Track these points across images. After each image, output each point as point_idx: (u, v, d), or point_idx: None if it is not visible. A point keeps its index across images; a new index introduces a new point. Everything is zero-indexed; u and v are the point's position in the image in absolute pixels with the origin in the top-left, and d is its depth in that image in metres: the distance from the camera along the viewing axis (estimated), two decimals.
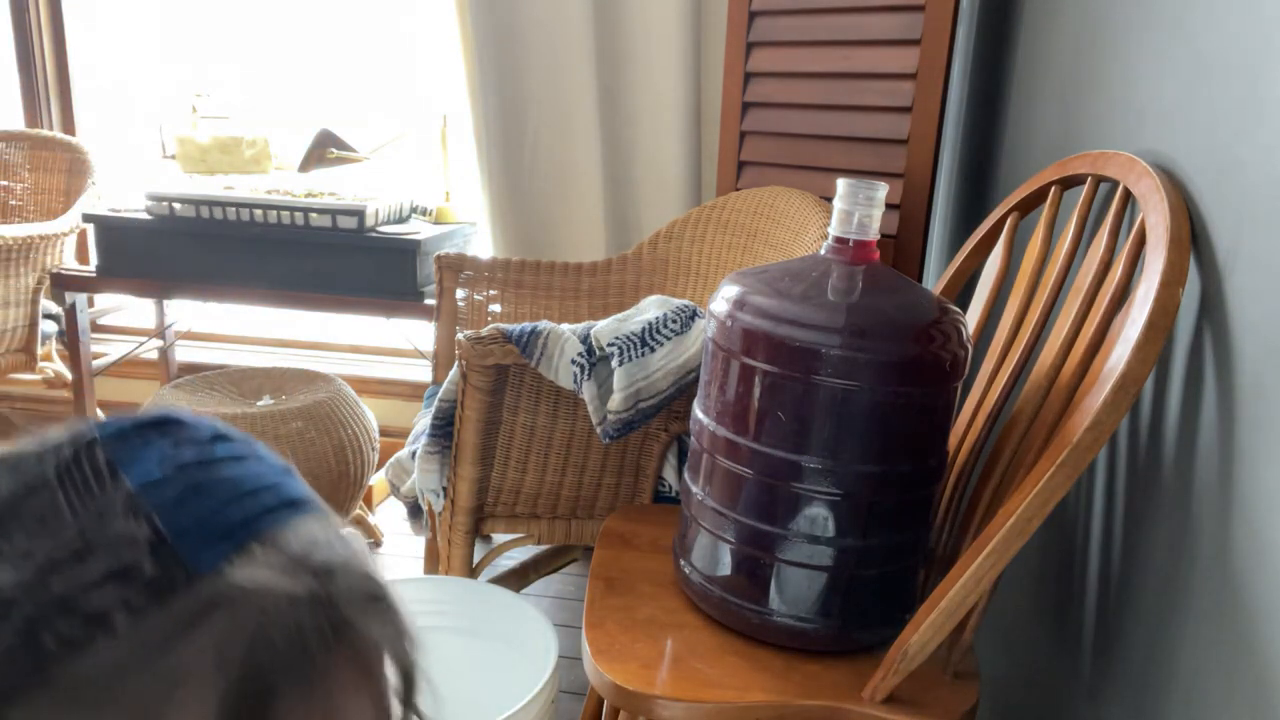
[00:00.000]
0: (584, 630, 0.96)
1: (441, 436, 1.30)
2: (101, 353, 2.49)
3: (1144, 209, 0.81)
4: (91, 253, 2.09)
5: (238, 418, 1.78)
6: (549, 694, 1.00)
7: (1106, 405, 0.74)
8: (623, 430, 1.21)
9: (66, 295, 2.11)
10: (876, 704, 0.86)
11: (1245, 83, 0.72)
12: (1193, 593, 0.75)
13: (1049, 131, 1.19)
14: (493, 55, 1.96)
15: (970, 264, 1.16)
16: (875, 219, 0.91)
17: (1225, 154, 0.75)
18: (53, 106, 2.57)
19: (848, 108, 1.51)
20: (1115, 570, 0.90)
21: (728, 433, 0.93)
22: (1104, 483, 0.95)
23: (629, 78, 1.98)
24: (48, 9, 2.50)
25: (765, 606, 0.94)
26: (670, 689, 0.87)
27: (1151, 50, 0.90)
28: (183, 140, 2.35)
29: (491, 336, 1.18)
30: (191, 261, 2.06)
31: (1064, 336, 0.89)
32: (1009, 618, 1.20)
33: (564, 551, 1.68)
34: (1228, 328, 0.72)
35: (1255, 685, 0.66)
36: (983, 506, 0.93)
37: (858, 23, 1.47)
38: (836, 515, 0.89)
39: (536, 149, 2.05)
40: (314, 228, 1.98)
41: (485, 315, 1.83)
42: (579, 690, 1.53)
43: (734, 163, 1.68)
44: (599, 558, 1.10)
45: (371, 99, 2.57)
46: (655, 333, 1.23)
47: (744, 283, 0.94)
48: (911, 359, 0.86)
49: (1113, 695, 0.89)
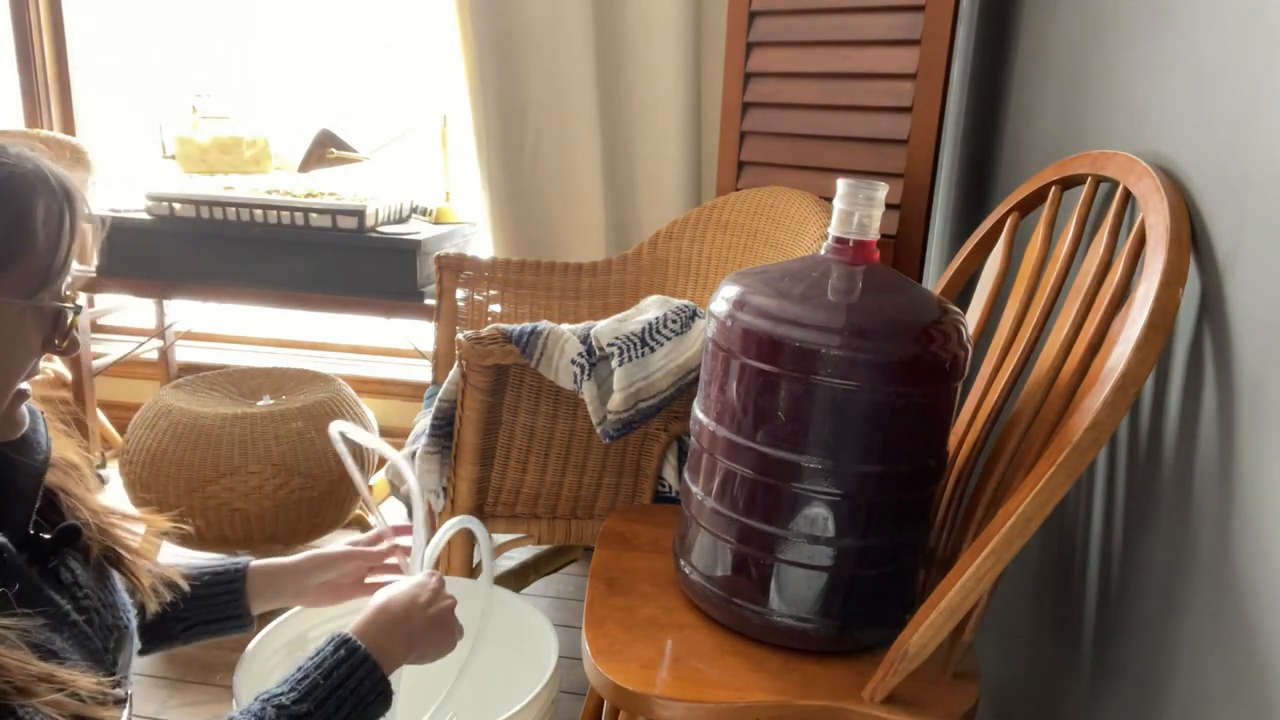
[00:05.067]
0: (584, 630, 0.96)
1: (441, 436, 1.30)
2: (101, 353, 2.49)
3: (1144, 209, 0.81)
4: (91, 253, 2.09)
5: (238, 418, 1.78)
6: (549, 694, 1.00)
7: (1106, 405, 0.74)
8: (623, 430, 1.21)
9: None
10: (876, 704, 0.86)
11: (1245, 83, 0.72)
12: (1193, 593, 0.75)
13: (1049, 131, 1.19)
14: (493, 56, 1.96)
15: (970, 264, 1.16)
16: (875, 219, 0.91)
17: (1225, 154, 0.75)
18: (53, 106, 2.57)
19: (848, 108, 1.51)
20: (1115, 570, 0.90)
21: (728, 433, 0.93)
22: (1104, 483, 0.95)
23: (629, 79, 1.98)
24: (48, 9, 2.50)
25: (765, 606, 0.93)
26: (670, 689, 0.87)
27: (1151, 50, 0.90)
28: (183, 140, 2.35)
29: (491, 336, 1.18)
30: (191, 261, 2.06)
31: (1064, 336, 0.89)
32: (1009, 618, 1.20)
33: (564, 551, 1.69)
34: (1228, 328, 0.72)
35: (1255, 685, 0.66)
36: (983, 506, 0.93)
37: (858, 23, 1.48)
38: (836, 515, 0.89)
39: (536, 149, 2.05)
40: (314, 228, 1.98)
41: (485, 315, 1.83)
42: (579, 690, 1.53)
43: (734, 163, 1.68)
44: (599, 558, 1.10)
45: (371, 99, 2.57)
46: (655, 333, 1.23)
47: (744, 283, 0.94)
48: (911, 359, 0.86)
49: (1113, 695, 0.89)
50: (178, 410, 1.80)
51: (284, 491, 1.77)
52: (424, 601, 0.84)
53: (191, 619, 0.91)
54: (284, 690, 0.71)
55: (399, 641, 0.80)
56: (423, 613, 0.83)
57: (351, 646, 0.75)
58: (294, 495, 1.78)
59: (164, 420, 1.79)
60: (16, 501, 0.68)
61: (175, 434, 1.76)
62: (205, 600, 0.92)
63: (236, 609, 0.93)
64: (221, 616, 0.93)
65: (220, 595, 0.93)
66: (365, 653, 0.75)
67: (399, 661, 0.79)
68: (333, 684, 0.72)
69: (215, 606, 0.92)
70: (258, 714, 0.68)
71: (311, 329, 2.73)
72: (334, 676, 0.73)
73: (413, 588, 0.85)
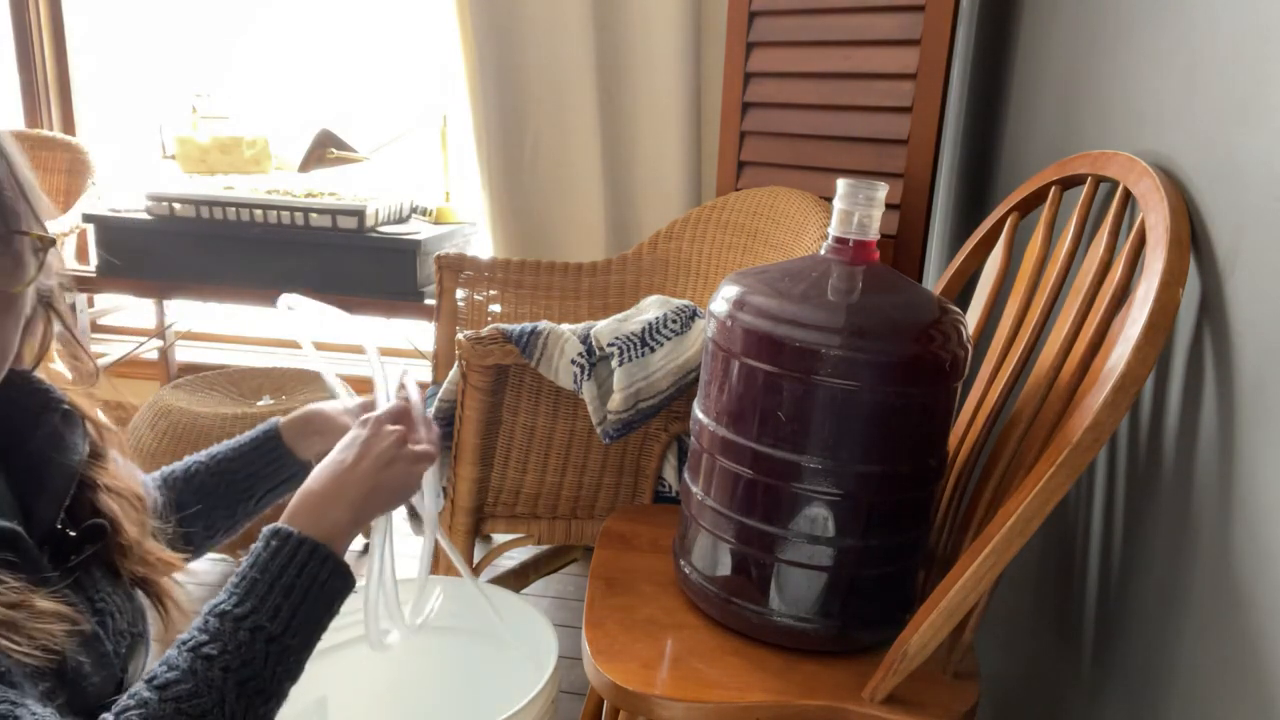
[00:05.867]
0: (584, 630, 0.96)
1: (442, 436, 1.30)
2: (101, 353, 2.49)
3: (1144, 209, 0.81)
4: (91, 253, 2.09)
5: (238, 418, 1.78)
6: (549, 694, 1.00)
7: (1106, 405, 0.74)
8: (623, 430, 1.21)
9: (66, 295, 2.11)
10: (876, 704, 0.86)
11: (1245, 83, 0.72)
12: (1193, 593, 0.75)
13: (1049, 131, 1.19)
14: (493, 55, 1.96)
15: (970, 264, 1.16)
16: (875, 219, 0.91)
17: (1225, 154, 0.75)
18: (53, 106, 2.57)
19: (848, 108, 1.52)
20: (1115, 570, 0.90)
21: (728, 433, 0.93)
22: (1104, 483, 0.95)
23: (629, 78, 1.98)
24: (48, 9, 2.50)
25: (765, 606, 0.94)
26: (670, 689, 0.88)
27: (1151, 50, 0.90)
28: (183, 140, 2.35)
29: (491, 336, 1.18)
30: (191, 261, 2.06)
31: (1064, 336, 0.89)
32: (1009, 618, 1.20)
33: (564, 551, 1.68)
34: (1228, 328, 0.72)
35: (1255, 685, 0.66)
36: (983, 506, 0.93)
37: (858, 23, 1.48)
38: (836, 515, 0.89)
39: (536, 149, 2.05)
40: (314, 228, 1.98)
41: (485, 315, 1.83)
42: (579, 690, 1.53)
43: (734, 163, 1.68)
44: (599, 558, 1.10)
45: (371, 99, 2.57)
46: (655, 333, 1.23)
47: (744, 283, 0.94)
48: (911, 359, 0.86)
49: (1113, 695, 0.89)
50: (178, 410, 1.80)
51: None
52: (354, 458, 0.77)
53: (255, 490, 0.94)
54: (223, 598, 0.66)
55: (336, 509, 0.73)
56: (355, 470, 0.76)
57: (283, 534, 0.70)
58: None
59: (164, 420, 1.79)
60: (46, 499, 0.68)
61: (175, 434, 1.76)
62: (258, 472, 0.94)
63: (292, 467, 0.95)
64: (281, 480, 0.95)
65: (270, 464, 0.94)
66: (300, 536, 0.69)
67: (347, 528, 0.74)
68: (272, 575, 0.67)
69: (270, 474, 0.94)
70: (200, 627, 0.65)
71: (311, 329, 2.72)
72: (271, 568, 0.67)
73: (336, 452, 0.79)
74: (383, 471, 0.78)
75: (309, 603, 0.68)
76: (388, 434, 0.80)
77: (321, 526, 0.71)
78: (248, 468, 0.93)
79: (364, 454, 0.78)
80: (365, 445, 0.78)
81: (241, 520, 0.95)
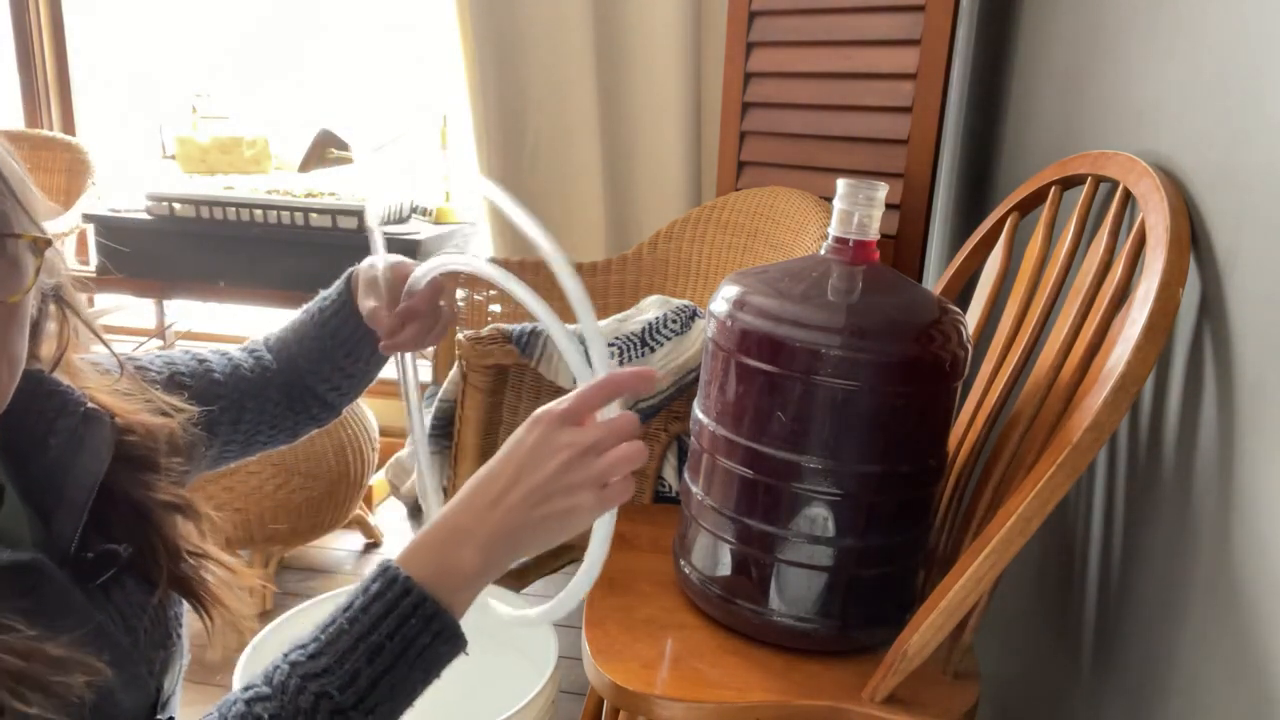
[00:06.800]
0: (584, 630, 0.96)
1: (441, 436, 1.30)
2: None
3: (1144, 209, 0.81)
4: (91, 253, 2.09)
5: None
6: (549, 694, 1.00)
7: (1106, 405, 0.74)
8: None
9: None
10: (876, 704, 0.86)
11: (1245, 83, 0.72)
12: (1193, 593, 0.75)
13: (1049, 131, 1.19)
14: (493, 56, 1.96)
15: (970, 264, 1.16)
16: (875, 219, 0.91)
17: (1225, 154, 0.75)
18: (53, 106, 2.57)
19: (848, 108, 1.51)
20: (1115, 570, 0.90)
21: (728, 433, 0.93)
22: (1104, 483, 0.95)
23: (629, 78, 1.97)
24: (48, 9, 2.50)
25: (765, 606, 0.93)
26: (670, 689, 0.87)
27: (1151, 50, 0.90)
28: (183, 140, 2.35)
29: (491, 336, 1.18)
30: (191, 261, 2.06)
31: (1064, 336, 0.89)
32: (1009, 618, 1.20)
33: (564, 551, 1.68)
34: (1228, 328, 0.72)
35: (1255, 685, 0.66)
36: (983, 506, 0.93)
37: (858, 23, 1.47)
38: (836, 515, 0.89)
39: (536, 149, 2.05)
40: (314, 228, 1.98)
41: (485, 315, 1.83)
42: (579, 690, 1.53)
43: (734, 163, 1.68)
44: None
45: (371, 99, 2.57)
46: (655, 333, 1.23)
47: (744, 283, 0.94)
48: (911, 359, 0.86)
49: (1113, 695, 0.89)
50: None
51: (284, 491, 1.77)
52: (505, 483, 0.58)
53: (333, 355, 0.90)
54: (306, 640, 0.55)
55: (466, 548, 0.57)
56: (501, 501, 0.58)
57: (389, 575, 0.55)
58: (294, 495, 1.78)
59: None
60: (64, 511, 0.62)
61: None
62: (341, 339, 0.91)
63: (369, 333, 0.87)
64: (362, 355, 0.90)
65: (351, 331, 0.91)
66: (406, 583, 0.55)
67: (474, 577, 0.57)
68: (360, 629, 0.54)
69: (351, 338, 0.90)
70: (267, 675, 0.55)
71: None
72: (361, 621, 0.54)
73: (493, 462, 0.60)
74: (539, 508, 0.58)
75: (398, 669, 0.54)
76: (561, 448, 0.58)
77: (442, 570, 0.57)
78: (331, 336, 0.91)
79: (517, 478, 0.58)
80: (522, 466, 0.58)
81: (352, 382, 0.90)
